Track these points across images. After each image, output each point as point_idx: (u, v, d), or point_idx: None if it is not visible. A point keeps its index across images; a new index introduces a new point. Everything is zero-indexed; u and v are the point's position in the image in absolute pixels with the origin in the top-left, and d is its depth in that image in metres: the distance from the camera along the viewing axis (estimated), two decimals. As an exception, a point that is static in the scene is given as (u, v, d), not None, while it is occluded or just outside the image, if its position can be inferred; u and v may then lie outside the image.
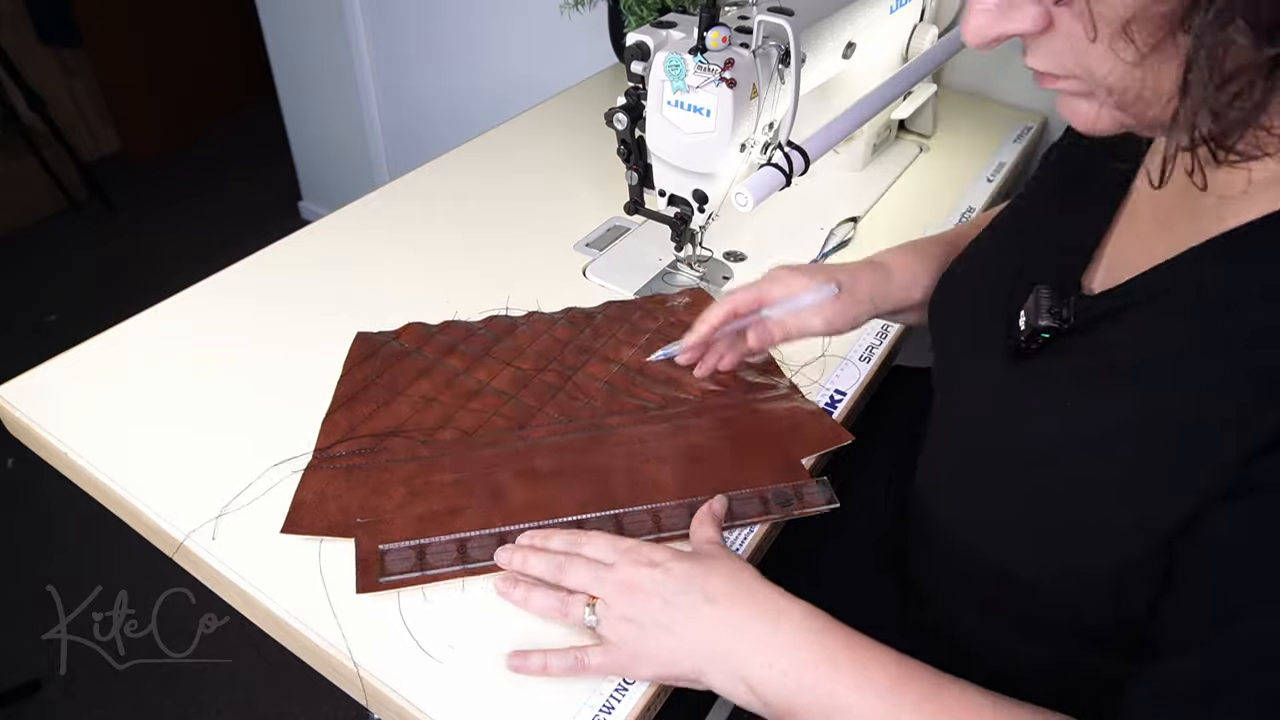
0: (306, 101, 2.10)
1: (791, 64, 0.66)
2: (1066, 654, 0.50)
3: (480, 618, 0.54)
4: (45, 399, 0.67)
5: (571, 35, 1.49)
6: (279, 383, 0.70)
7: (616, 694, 0.51)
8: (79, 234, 2.36)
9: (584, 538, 0.56)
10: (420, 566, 0.56)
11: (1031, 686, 0.46)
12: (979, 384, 0.53)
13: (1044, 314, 0.46)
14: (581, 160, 1.03)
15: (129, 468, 0.62)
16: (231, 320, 0.76)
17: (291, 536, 0.57)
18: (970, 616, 0.56)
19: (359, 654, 0.52)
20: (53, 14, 2.34)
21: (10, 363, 0.71)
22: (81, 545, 1.53)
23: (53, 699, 1.33)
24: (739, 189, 0.67)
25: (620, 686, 0.51)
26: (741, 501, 0.61)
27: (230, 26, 2.70)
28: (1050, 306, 0.46)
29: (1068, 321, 0.46)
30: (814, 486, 0.63)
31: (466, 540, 0.57)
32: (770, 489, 0.62)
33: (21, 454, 0.68)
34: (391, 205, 0.93)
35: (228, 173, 2.64)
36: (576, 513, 0.60)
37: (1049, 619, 0.49)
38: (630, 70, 0.71)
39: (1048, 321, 0.46)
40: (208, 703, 1.33)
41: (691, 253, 0.84)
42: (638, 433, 0.66)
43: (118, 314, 0.74)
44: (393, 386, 0.69)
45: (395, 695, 0.50)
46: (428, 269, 0.84)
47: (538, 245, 0.88)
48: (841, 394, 0.72)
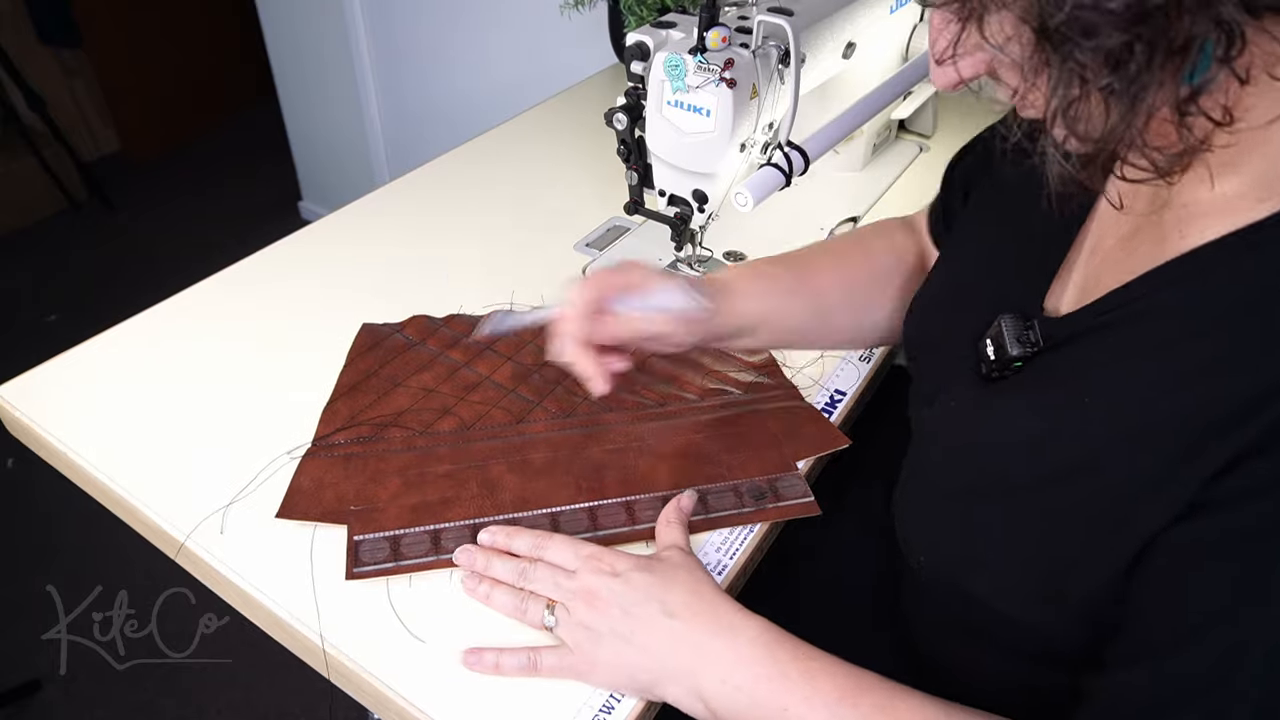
0: (306, 101, 2.10)
1: (791, 64, 0.66)
2: (1031, 672, 0.49)
3: (481, 618, 0.54)
4: (45, 399, 0.67)
5: (571, 35, 1.49)
6: (279, 383, 0.70)
7: (616, 694, 0.51)
8: (79, 234, 2.36)
9: (547, 541, 0.55)
10: (394, 557, 0.56)
11: (991, 698, 0.47)
12: (953, 411, 0.52)
13: (1013, 343, 0.46)
14: (581, 160, 1.03)
15: (129, 468, 0.62)
16: (231, 320, 0.76)
17: (292, 531, 0.58)
18: (939, 634, 0.57)
19: (358, 654, 0.52)
20: (53, 14, 2.34)
21: (10, 363, 0.71)
22: (81, 545, 1.53)
23: (53, 699, 1.33)
24: (739, 189, 0.67)
25: (620, 686, 0.51)
26: (716, 496, 0.61)
27: (230, 26, 2.71)
28: (1018, 334, 0.46)
29: (1036, 345, 0.46)
30: (792, 479, 0.63)
31: (441, 532, 0.58)
32: (745, 482, 0.63)
33: (21, 454, 0.68)
34: (391, 205, 0.93)
35: (228, 173, 2.64)
36: (567, 504, 0.60)
37: (1018, 642, 0.49)
38: (630, 70, 0.71)
39: (1018, 350, 0.46)
40: (208, 703, 1.33)
41: (691, 253, 0.84)
42: (634, 430, 0.66)
43: (118, 314, 0.74)
44: (394, 378, 0.70)
45: (395, 695, 0.50)
46: (428, 269, 0.84)
47: (538, 245, 0.88)
48: (841, 394, 0.72)
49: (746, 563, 0.59)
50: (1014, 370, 0.47)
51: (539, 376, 0.71)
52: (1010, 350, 0.46)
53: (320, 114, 2.09)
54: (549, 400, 0.69)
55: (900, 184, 1.03)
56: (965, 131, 1.13)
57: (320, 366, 0.71)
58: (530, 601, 0.53)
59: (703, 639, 0.49)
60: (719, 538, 0.60)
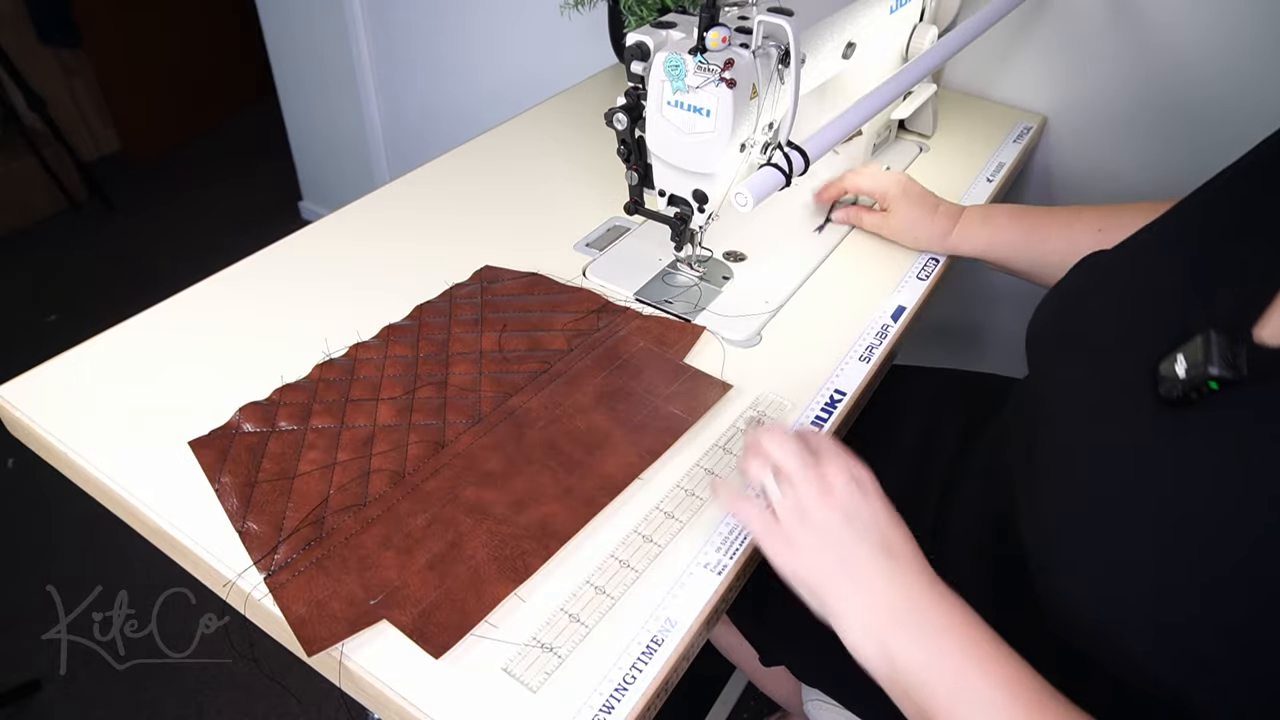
0: (306, 101, 2.10)
1: (791, 64, 0.66)
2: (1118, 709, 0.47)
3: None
4: (45, 399, 0.67)
5: (571, 35, 1.49)
6: (278, 383, 0.70)
7: (616, 694, 0.51)
8: (79, 234, 2.36)
9: (808, 434, 0.57)
10: (466, 620, 0.54)
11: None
12: (1116, 432, 0.47)
13: (1217, 361, 0.41)
14: (581, 160, 1.03)
15: (129, 468, 0.62)
16: (231, 320, 0.76)
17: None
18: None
19: (358, 654, 0.52)
20: (53, 14, 2.34)
21: (10, 363, 0.71)
22: (81, 545, 1.53)
23: (53, 699, 1.33)
24: (739, 189, 0.67)
25: (620, 686, 0.51)
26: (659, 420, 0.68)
27: (230, 26, 2.71)
28: (1223, 354, 0.41)
29: (1241, 372, 0.40)
30: (694, 374, 0.73)
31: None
32: (666, 399, 0.70)
33: (21, 454, 0.68)
34: (391, 205, 0.93)
35: (228, 173, 2.64)
36: (561, 493, 0.61)
37: (1121, 678, 0.46)
38: (630, 70, 0.71)
39: (1219, 370, 0.40)
40: (208, 703, 1.33)
41: (691, 253, 0.84)
42: (544, 399, 0.69)
43: (118, 314, 0.74)
44: (283, 473, 0.62)
45: (395, 695, 0.50)
46: (428, 268, 0.84)
47: (538, 245, 0.88)
48: (841, 394, 0.72)
49: (745, 563, 0.59)
50: (1204, 394, 0.42)
51: (419, 400, 0.68)
52: (1211, 370, 0.41)
53: (320, 114, 2.09)
54: (450, 415, 0.67)
55: (900, 184, 1.03)
56: (965, 131, 1.13)
57: (320, 366, 0.71)
58: (768, 471, 0.55)
59: (910, 590, 0.49)
60: (719, 537, 0.60)
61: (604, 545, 0.59)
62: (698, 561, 0.58)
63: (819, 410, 0.71)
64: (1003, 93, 1.21)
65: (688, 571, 0.58)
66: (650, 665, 0.53)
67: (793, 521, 0.52)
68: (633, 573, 0.58)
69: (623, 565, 0.58)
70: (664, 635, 0.54)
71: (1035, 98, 1.19)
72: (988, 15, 0.91)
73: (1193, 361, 0.42)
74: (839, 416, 0.70)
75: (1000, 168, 1.05)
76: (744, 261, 0.88)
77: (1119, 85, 1.11)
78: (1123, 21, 1.07)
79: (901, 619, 0.49)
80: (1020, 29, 1.15)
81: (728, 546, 0.59)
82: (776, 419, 0.69)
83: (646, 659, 0.53)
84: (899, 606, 0.49)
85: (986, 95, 1.22)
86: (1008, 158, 1.07)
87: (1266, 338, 0.42)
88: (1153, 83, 1.08)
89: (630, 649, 0.53)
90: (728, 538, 0.60)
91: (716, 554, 0.59)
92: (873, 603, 0.50)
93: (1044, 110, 1.18)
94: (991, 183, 1.02)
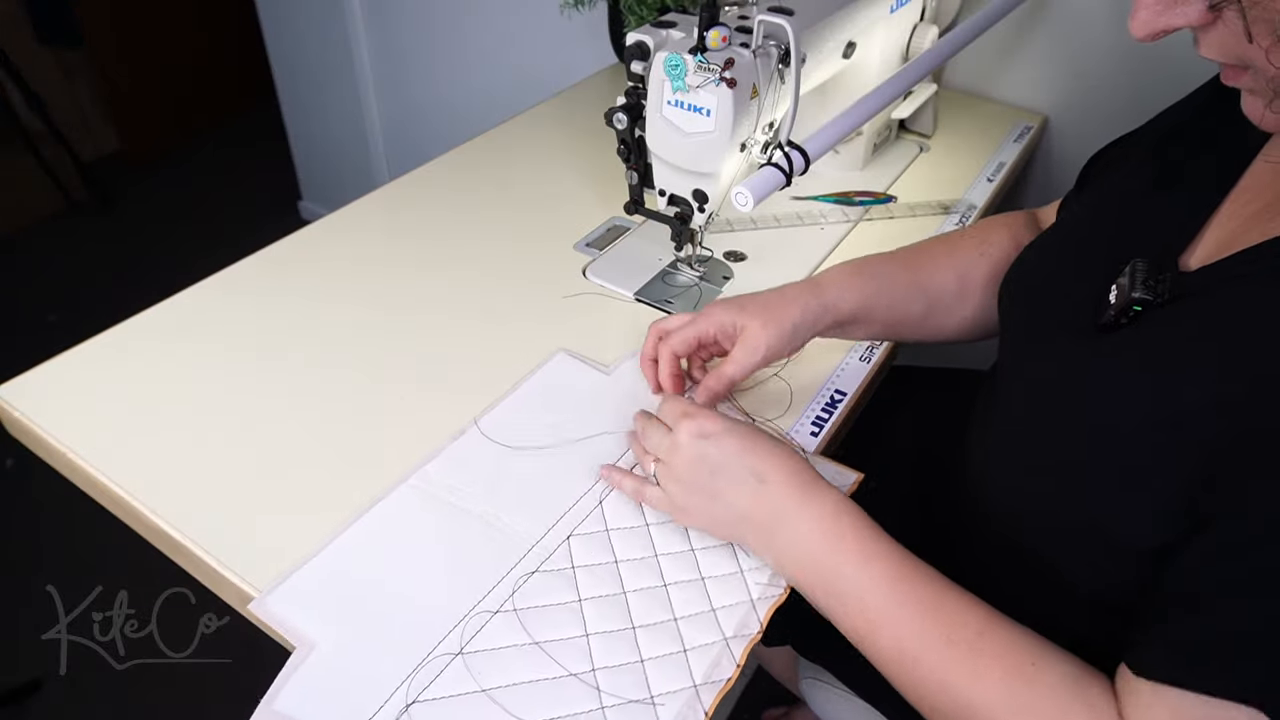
0: (306, 101, 2.10)
1: (791, 64, 0.66)
2: (1077, 615, 0.50)
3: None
4: (45, 399, 0.67)
5: (571, 35, 1.49)
6: (278, 383, 0.70)
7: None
8: (79, 234, 2.36)
9: (663, 401, 0.61)
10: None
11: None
12: (1054, 356, 0.52)
13: (1138, 286, 0.45)
14: (581, 160, 1.03)
15: (129, 468, 0.62)
16: (231, 320, 0.76)
17: (293, 530, 0.57)
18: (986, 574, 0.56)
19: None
20: (53, 14, 2.34)
21: (10, 363, 0.71)
22: (81, 545, 1.53)
23: (53, 699, 1.33)
24: (739, 189, 0.67)
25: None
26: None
27: (230, 27, 2.70)
28: (1145, 279, 0.46)
29: (1162, 296, 0.45)
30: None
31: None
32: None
33: (21, 454, 0.68)
34: (391, 205, 0.93)
35: (227, 173, 2.64)
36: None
37: (1076, 590, 0.49)
38: (630, 70, 0.71)
39: (1141, 293, 0.45)
40: (208, 703, 1.33)
41: (691, 252, 0.84)
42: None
43: (118, 314, 0.74)
44: None
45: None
46: (428, 268, 0.84)
47: (538, 245, 0.88)
48: (842, 394, 0.72)
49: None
50: (1131, 315, 0.46)
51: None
52: (1133, 293, 0.45)
53: (320, 114, 2.08)
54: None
55: (900, 184, 1.03)
56: (966, 131, 1.13)
57: (320, 366, 0.71)
58: (644, 459, 0.60)
59: (784, 504, 0.53)
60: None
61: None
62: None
63: (819, 410, 0.71)
64: (1003, 92, 1.21)
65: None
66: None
67: (676, 491, 0.57)
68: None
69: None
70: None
71: (1035, 98, 1.19)
72: (988, 15, 0.91)
73: (1120, 288, 0.47)
74: (839, 416, 0.70)
75: (1001, 168, 1.05)
76: (744, 261, 0.88)
77: (1119, 85, 1.11)
78: (1123, 21, 1.07)
79: (777, 532, 0.54)
80: (1020, 29, 1.15)
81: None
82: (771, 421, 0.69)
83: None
84: (774, 523, 0.54)
85: (987, 95, 1.22)
86: (1008, 158, 1.07)
87: (1191, 264, 0.48)
88: (1153, 83, 1.08)
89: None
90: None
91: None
92: (758, 524, 0.54)
93: (1044, 110, 1.18)
94: (992, 183, 1.02)
